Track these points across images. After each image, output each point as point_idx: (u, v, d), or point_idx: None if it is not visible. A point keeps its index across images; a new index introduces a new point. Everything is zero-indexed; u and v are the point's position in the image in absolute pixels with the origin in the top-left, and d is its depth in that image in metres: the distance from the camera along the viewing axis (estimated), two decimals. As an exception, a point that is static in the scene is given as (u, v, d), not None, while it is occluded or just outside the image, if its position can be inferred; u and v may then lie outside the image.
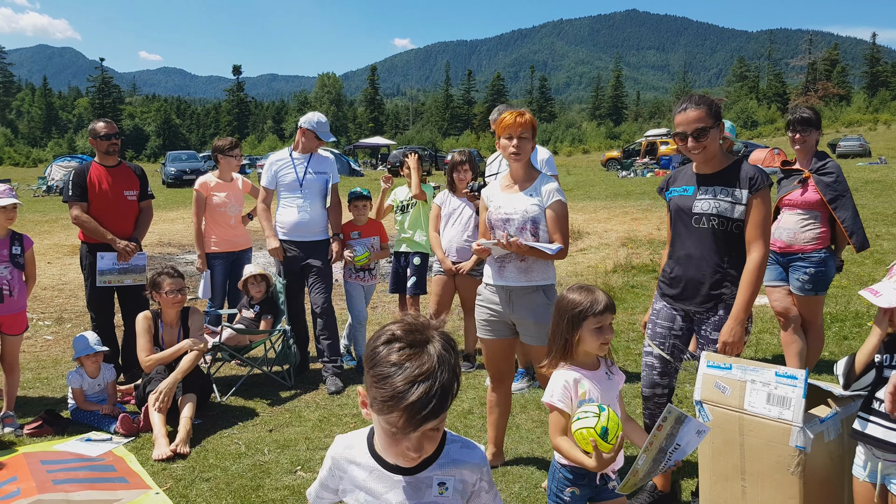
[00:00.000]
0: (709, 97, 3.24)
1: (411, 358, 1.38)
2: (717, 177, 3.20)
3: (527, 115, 3.58)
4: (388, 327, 1.47)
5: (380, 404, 1.39)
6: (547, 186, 3.59)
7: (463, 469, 1.59)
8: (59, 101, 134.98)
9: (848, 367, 2.56)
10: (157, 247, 14.03)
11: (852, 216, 4.72)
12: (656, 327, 3.39)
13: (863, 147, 38.69)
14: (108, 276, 5.43)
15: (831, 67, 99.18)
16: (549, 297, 3.59)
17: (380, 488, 1.55)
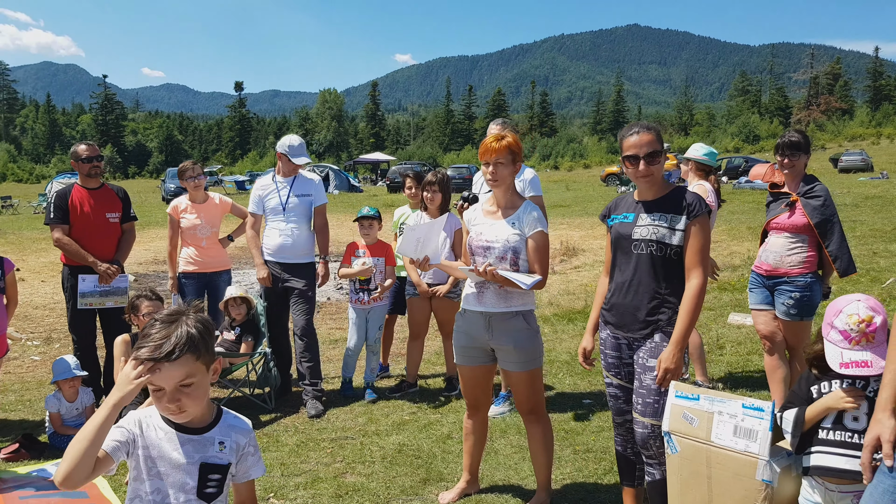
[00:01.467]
0: (656, 124, 3.32)
1: (160, 331, 1.85)
2: (658, 203, 3.18)
3: (505, 140, 3.50)
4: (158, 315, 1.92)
5: (138, 368, 1.82)
6: (529, 216, 3.53)
7: (237, 433, 2.03)
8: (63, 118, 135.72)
9: (798, 427, 2.54)
10: (152, 265, 14.02)
11: (838, 241, 4.66)
12: (607, 357, 3.37)
13: (865, 162, 38.63)
14: (89, 299, 5.41)
15: (834, 81, 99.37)
16: (528, 322, 3.55)
17: (169, 447, 1.92)
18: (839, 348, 2.48)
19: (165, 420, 1.94)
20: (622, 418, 3.35)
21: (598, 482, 4.01)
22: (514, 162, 3.53)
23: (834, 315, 2.53)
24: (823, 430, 2.52)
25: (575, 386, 5.84)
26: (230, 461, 1.99)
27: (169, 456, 1.91)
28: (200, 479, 1.93)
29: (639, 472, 3.38)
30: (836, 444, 2.48)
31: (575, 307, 8.70)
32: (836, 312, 2.53)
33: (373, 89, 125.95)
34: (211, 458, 1.95)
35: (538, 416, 3.69)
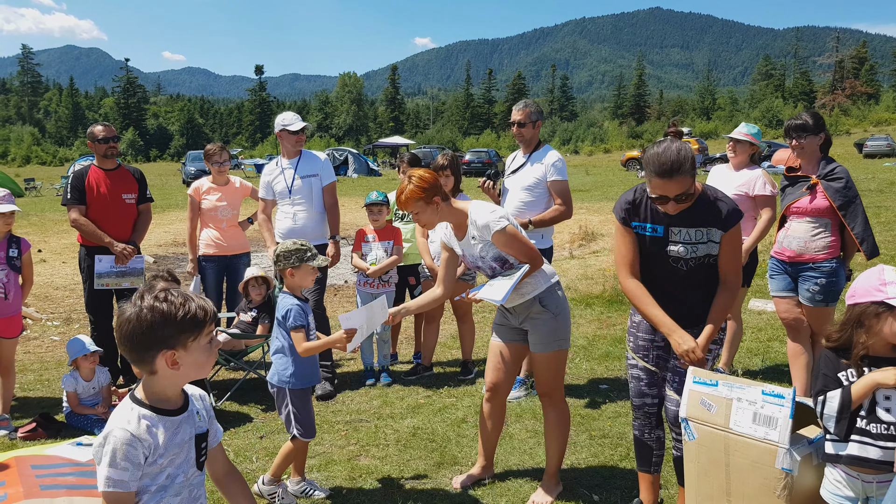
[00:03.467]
0: (683, 160, 2.86)
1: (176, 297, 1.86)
2: (688, 217, 3.01)
3: (410, 192, 3.47)
4: (147, 288, 1.88)
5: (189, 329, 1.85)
6: (479, 222, 3.49)
7: (202, 400, 2.09)
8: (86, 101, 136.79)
9: (846, 409, 2.44)
10: (171, 247, 14.11)
11: (863, 223, 4.54)
12: (638, 340, 3.29)
13: (890, 147, 37.94)
14: (105, 279, 5.44)
15: (859, 65, 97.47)
16: (544, 304, 3.54)
17: (171, 432, 1.91)
18: None
19: (155, 409, 1.90)
20: (641, 401, 3.29)
21: (615, 468, 3.97)
22: (428, 203, 3.50)
23: (878, 282, 2.42)
24: (862, 419, 2.43)
25: (592, 371, 5.78)
26: (208, 427, 2.07)
27: (175, 441, 1.92)
28: (197, 451, 2.00)
29: (656, 458, 3.33)
30: (876, 437, 2.40)
31: (593, 292, 8.62)
32: (879, 279, 2.42)
33: (392, 73, 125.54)
34: (199, 429, 2.01)
35: (553, 399, 3.67)
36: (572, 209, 5.02)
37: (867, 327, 2.45)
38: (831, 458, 2.50)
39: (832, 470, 2.54)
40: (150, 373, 1.88)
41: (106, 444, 1.83)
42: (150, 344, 1.82)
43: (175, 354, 1.84)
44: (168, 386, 1.92)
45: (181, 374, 1.89)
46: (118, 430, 1.83)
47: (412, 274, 5.91)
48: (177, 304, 1.83)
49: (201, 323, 1.86)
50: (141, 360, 1.86)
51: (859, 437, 2.43)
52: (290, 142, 5.54)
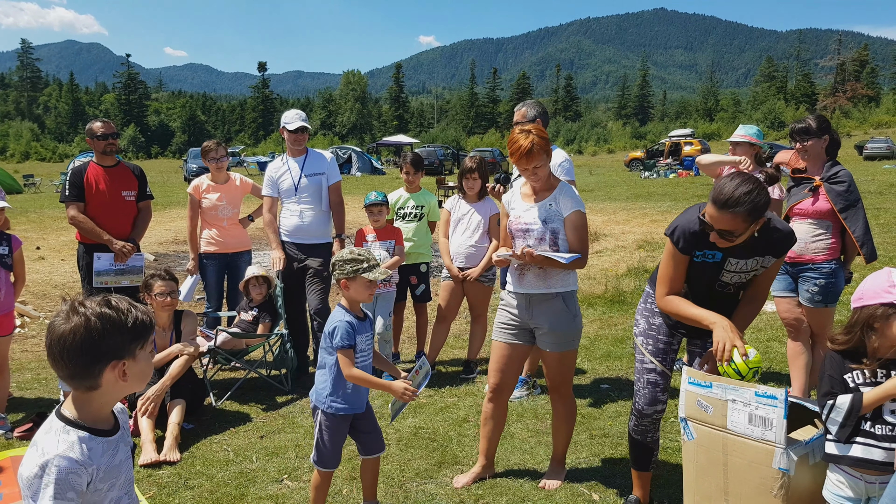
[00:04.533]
0: (740, 198, 2.74)
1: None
2: (747, 247, 2.93)
3: (530, 140, 3.42)
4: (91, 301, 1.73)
5: (138, 337, 1.75)
6: (566, 196, 3.55)
7: (123, 415, 1.93)
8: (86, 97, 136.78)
9: (854, 414, 2.43)
10: (172, 244, 14.11)
11: (863, 226, 4.55)
12: (658, 343, 3.26)
13: (890, 149, 37.93)
14: (104, 277, 5.43)
15: (861, 68, 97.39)
16: (567, 304, 3.58)
17: (109, 455, 1.77)
18: None
19: (92, 431, 1.76)
20: (653, 409, 3.25)
21: (615, 467, 3.97)
22: (543, 154, 3.48)
23: (886, 283, 2.42)
24: (867, 422, 2.43)
25: (593, 371, 5.79)
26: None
27: (114, 462, 1.79)
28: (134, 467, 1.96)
29: (654, 457, 3.35)
30: (881, 438, 2.40)
31: (595, 292, 8.62)
32: (888, 280, 2.42)
33: (396, 71, 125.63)
34: (130, 444, 1.92)
35: (562, 395, 3.76)
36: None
37: (877, 330, 2.44)
38: (833, 458, 2.50)
39: (834, 471, 2.53)
40: (90, 388, 1.72)
41: (46, 475, 1.64)
42: (99, 355, 1.68)
43: (125, 365, 1.72)
44: (107, 403, 1.79)
45: (126, 387, 1.76)
46: (59, 459, 1.65)
47: (413, 273, 5.91)
48: (124, 311, 1.71)
49: (149, 329, 1.76)
50: (84, 375, 1.70)
51: (863, 439, 2.43)
52: (290, 140, 5.56)
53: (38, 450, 1.68)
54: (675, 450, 4.09)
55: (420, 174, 6.00)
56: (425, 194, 6.02)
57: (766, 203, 2.77)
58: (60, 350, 1.66)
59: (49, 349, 1.69)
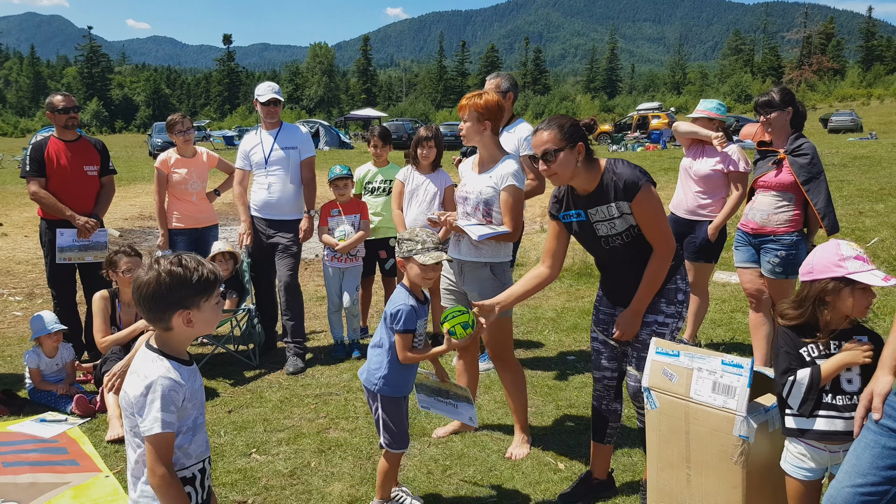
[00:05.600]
0: (567, 119, 3.06)
1: None
2: (594, 197, 3.06)
3: (475, 100, 3.65)
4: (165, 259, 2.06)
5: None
6: (504, 170, 3.63)
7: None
8: (48, 71, 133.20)
9: (815, 388, 2.47)
10: (138, 220, 13.89)
11: (825, 199, 4.62)
12: (599, 314, 3.32)
13: (854, 122, 38.58)
14: (68, 253, 5.33)
15: (826, 41, 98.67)
16: (496, 273, 3.70)
17: (192, 380, 2.12)
18: (869, 271, 2.41)
19: (179, 360, 2.10)
20: (601, 374, 3.33)
21: (580, 437, 4.03)
22: (480, 121, 3.64)
23: (836, 258, 2.45)
24: (827, 394, 2.47)
25: (560, 343, 5.85)
26: None
27: (195, 386, 2.12)
28: None
29: (611, 429, 3.37)
30: (842, 409, 2.45)
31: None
32: (836, 255, 2.46)
33: (364, 44, 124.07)
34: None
35: (505, 362, 3.88)
36: (545, 184, 5.00)
37: (829, 303, 2.46)
38: (794, 432, 2.52)
39: (795, 444, 2.55)
40: (165, 329, 2.07)
41: (151, 392, 1.99)
42: (167, 305, 2.01)
43: (190, 314, 2.04)
44: (183, 341, 2.13)
45: (194, 331, 2.10)
46: (162, 379, 2.01)
47: (383, 247, 5.88)
48: (191, 269, 2.03)
49: (213, 285, 2.07)
50: (158, 319, 2.04)
51: (826, 412, 2.46)
52: (262, 113, 5.48)
53: (141, 375, 2.03)
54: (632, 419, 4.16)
55: (388, 148, 5.95)
56: (393, 168, 5.97)
57: (575, 125, 3.01)
58: (139, 297, 2.03)
59: (132, 295, 2.07)
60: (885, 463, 2.11)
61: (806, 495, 2.56)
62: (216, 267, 2.12)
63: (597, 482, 3.41)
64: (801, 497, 2.57)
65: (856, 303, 2.45)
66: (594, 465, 3.43)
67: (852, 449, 2.22)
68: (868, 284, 2.41)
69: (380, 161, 5.94)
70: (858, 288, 2.43)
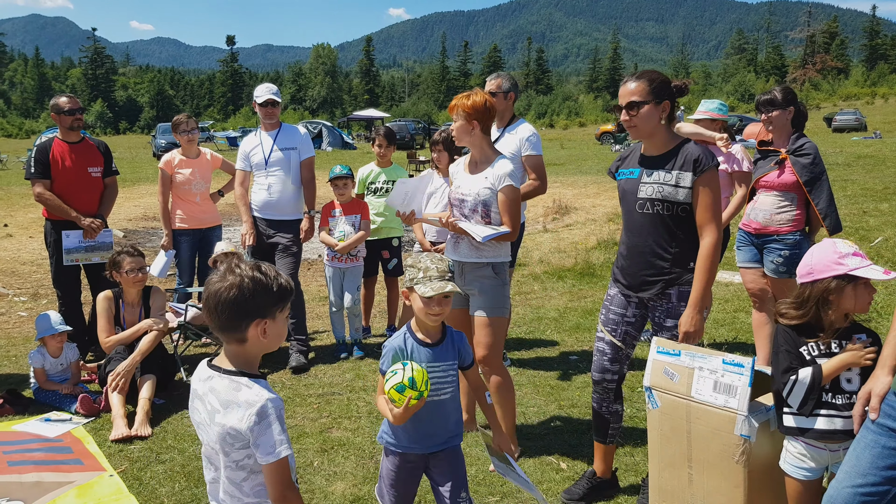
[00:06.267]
0: (659, 74, 3.12)
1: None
2: (661, 159, 3.08)
3: (459, 101, 3.61)
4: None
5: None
6: (500, 170, 3.60)
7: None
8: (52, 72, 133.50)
9: (816, 388, 2.48)
10: (141, 221, 13.92)
11: (827, 198, 4.63)
12: (609, 313, 3.31)
13: (859, 121, 38.48)
14: (75, 255, 5.38)
15: (830, 40, 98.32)
16: (496, 272, 3.67)
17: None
18: (868, 267, 2.44)
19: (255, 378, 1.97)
20: (601, 376, 3.32)
21: (582, 437, 4.04)
22: (468, 121, 3.59)
23: (835, 255, 2.48)
24: (827, 393, 2.48)
25: (562, 343, 5.86)
26: None
27: None
28: None
29: (612, 430, 3.38)
30: (842, 408, 2.46)
31: (565, 265, 8.69)
32: (835, 253, 2.48)
33: (367, 44, 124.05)
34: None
35: (493, 367, 3.68)
36: (547, 184, 4.98)
37: (832, 303, 2.47)
38: (793, 431, 2.53)
39: (794, 444, 2.56)
40: (239, 341, 1.92)
41: (266, 417, 1.86)
42: (246, 313, 1.89)
43: (266, 324, 1.91)
44: (256, 355, 1.99)
45: (267, 344, 1.96)
46: (270, 401, 1.89)
47: (385, 247, 5.89)
48: (270, 276, 1.93)
49: (288, 295, 1.96)
50: (234, 328, 1.90)
51: (826, 411, 2.47)
52: (261, 114, 5.50)
53: (242, 404, 1.88)
54: (641, 419, 4.17)
55: (392, 148, 5.96)
56: (396, 169, 5.99)
57: (665, 83, 3.06)
58: (216, 304, 1.87)
59: (206, 302, 1.90)
60: (885, 463, 2.11)
61: (806, 495, 2.57)
62: (289, 278, 1.99)
63: (600, 481, 3.41)
64: (801, 497, 2.58)
65: (858, 299, 2.47)
66: (597, 465, 3.44)
67: (852, 449, 2.23)
68: (870, 279, 2.43)
69: (383, 161, 5.94)
70: (860, 284, 2.45)
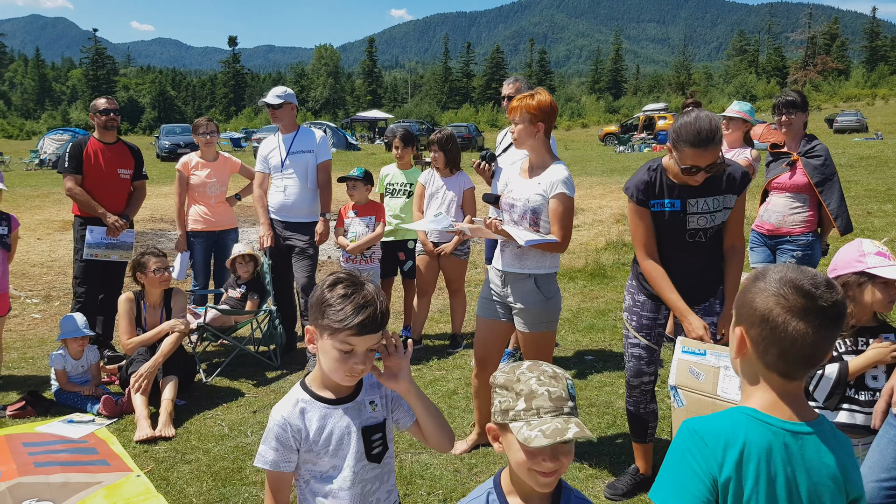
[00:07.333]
0: (716, 128, 2.94)
1: (355, 291, 1.81)
2: (703, 187, 3.07)
3: (524, 101, 3.45)
4: (327, 278, 1.86)
5: (334, 327, 1.78)
6: (553, 176, 3.45)
7: (380, 388, 2.01)
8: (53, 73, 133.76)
9: (842, 383, 2.55)
10: (148, 222, 13.95)
11: (838, 200, 4.69)
12: (642, 319, 3.33)
13: (860, 122, 38.49)
14: (95, 250, 5.49)
15: (831, 41, 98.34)
16: (539, 285, 3.53)
17: (333, 421, 1.91)
18: (890, 266, 2.50)
19: (316, 396, 1.92)
20: (639, 380, 3.37)
21: (602, 436, 4.09)
22: (533, 123, 3.44)
23: (857, 254, 2.56)
24: (851, 389, 2.55)
25: (577, 343, 5.90)
26: (384, 417, 1.99)
27: (335, 430, 1.90)
28: (365, 443, 1.93)
29: (650, 429, 3.46)
30: (864, 404, 2.53)
31: (575, 266, 8.74)
32: (858, 251, 2.56)
33: (369, 45, 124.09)
34: (368, 421, 1.94)
35: None
36: None
37: (851, 297, 2.56)
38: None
39: None
40: None
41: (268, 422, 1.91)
42: None
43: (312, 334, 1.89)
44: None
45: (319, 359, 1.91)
46: (274, 412, 1.91)
47: (401, 249, 5.92)
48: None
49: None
50: None
51: (848, 406, 2.55)
52: (276, 117, 5.54)
53: None
54: (666, 417, 4.21)
55: (410, 149, 5.94)
56: (416, 172, 6.01)
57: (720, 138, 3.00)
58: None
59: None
60: None
61: None
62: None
63: (643, 477, 3.48)
64: None
65: (876, 297, 2.54)
66: (639, 462, 3.51)
67: (875, 445, 2.28)
68: (887, 279, 2.50)
69: (402, 163, 5.95)
70: (879, 282, 2.53)
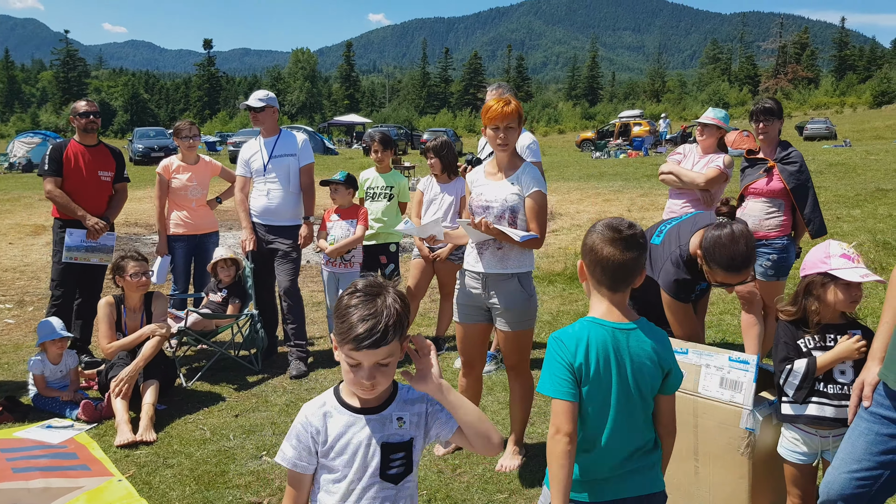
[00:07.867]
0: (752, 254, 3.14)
1: (364, 303, 1.77)
2: None
3: (512, 105, 3.55)
4: (356, 281, 1.85)
5: (339, 338, 1.78)
6: (528, 176, 3.60)
7: (414, 405, 1.92)
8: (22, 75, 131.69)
9: (810, 377, 2.65)
10: (123, 227, 13.79)
11: (812, 204, 4.84)
12: None
13: (829, 130, 39.23)
14: (74, 253, 5.45)
15: (801, 51, 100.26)
16: (523, 284, 3.64)
17: (353, 430, 1.86)
18: (851, 269, 2.59)
19: (343, 403, 1.88)
20: None
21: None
22: (520, 125, 3.61)
23: (823, 255, 2.67)
24: (820, 382, 2.66)
25: (556, 346, 5.95)
26: (412, 436, 1.89)
27: (353, 440, 1.85)
28: (383, 460, 1.85)
29: None
30: (832, 397, 2.64)
31: (555, 269, 8.82)
32: (825, 253, 2.68)
33: (347, 49, 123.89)
34: (391, 437, 1.86)
35: (519, 373, 3.84)
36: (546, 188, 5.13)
37: (815, 296, 2.69)
38: (789, 418, 2.72)
39: (789, 429, 2.75)
40: None
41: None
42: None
43: None
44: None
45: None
46: (302, 410, 1.92)
47: (383, 253, 5.94)
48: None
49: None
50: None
51: (817, 399, 2.65)
52: (257, 120, 5.54)
53: None
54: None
55: (389, 153, 6.01)
56: (395, 175, 6.06)
57: None
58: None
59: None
60: (878, 448, 2.28)
61: (801, 478, 2.74)
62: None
63: None
64: (797, 479, 2.75)
65: (839, 297, 2.65)
66: None
67: (847, 437, 2.39)
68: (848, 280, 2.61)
69: (382, 167, 6.00)
70: (841, 283, 2.63)
